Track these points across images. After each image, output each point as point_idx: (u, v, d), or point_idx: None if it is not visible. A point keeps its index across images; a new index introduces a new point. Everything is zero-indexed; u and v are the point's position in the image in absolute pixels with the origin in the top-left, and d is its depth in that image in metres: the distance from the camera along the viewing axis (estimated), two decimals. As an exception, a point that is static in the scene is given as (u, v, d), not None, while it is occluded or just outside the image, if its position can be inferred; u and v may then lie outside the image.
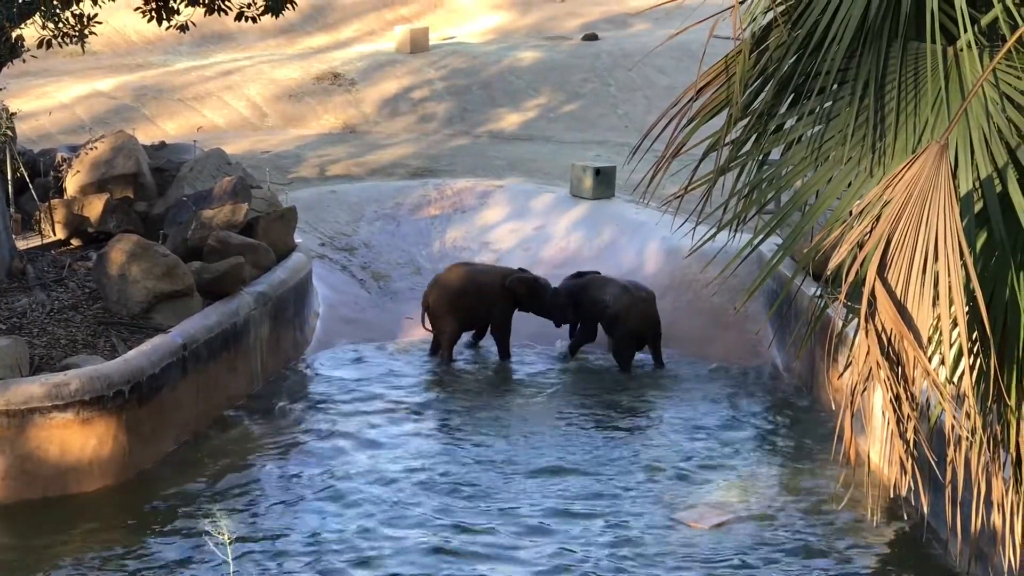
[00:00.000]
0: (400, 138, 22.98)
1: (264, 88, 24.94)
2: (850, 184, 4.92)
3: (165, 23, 16.23)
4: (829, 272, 4.70)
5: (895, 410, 4.59)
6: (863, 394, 4.65)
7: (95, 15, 15.14)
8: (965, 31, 4.80)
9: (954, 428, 4.73)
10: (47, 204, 15.95)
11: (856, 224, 4.62)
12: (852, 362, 4.65)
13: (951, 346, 4.83)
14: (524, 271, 16.38)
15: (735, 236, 5.30)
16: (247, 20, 16.73)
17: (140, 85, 24.92)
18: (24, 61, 15.62)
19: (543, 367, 16.00)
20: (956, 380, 4.92)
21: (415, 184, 19.63)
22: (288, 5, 16.70)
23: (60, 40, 15.00)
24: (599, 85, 25.06)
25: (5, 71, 15.58)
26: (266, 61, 26.71)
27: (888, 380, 4.53)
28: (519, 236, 18.37)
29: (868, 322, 4.49)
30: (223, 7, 16.33)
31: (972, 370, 4.68)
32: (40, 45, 15.10)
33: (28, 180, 16.28)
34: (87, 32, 15.07)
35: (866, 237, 4.53)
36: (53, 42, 15.02)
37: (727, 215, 5.19)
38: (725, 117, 5.21)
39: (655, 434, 13.81)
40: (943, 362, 4.96)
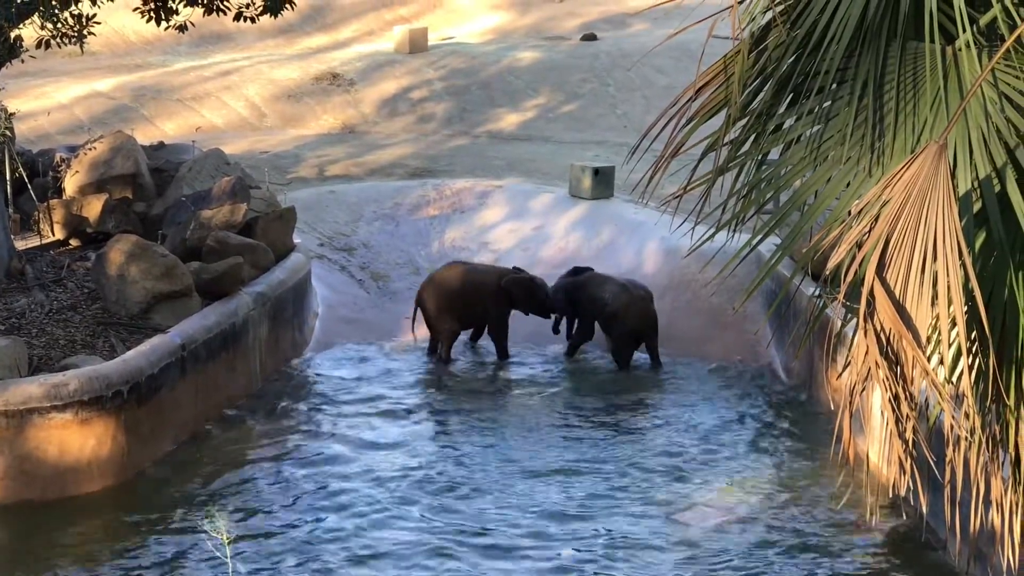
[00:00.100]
0: (399, 138, 22.98)
1: (263, 88, 24.93)
2: (849, 184, 4.92)
3: (164, 23, 16.24)
4: (828, 272, 4.70)
5: (894, 410, 4.59)
6: (862, 394, 4.65)
7: (94, 15, 15.15)
8: (964, 31, 4.80)
9: (953, 428, 4.73)
10: (46, 204, 15.94)
11: (855, 224, 4.62)
12: (851, 362, 4.65)
13: (950, 346, 4.83)
14: (520, 270, 16.35)
15: (734, 236, 5.30)
16: (246, 20, 16.74)
17: (139, 85, 24.91)
18: (23, 61, 15.62)
19: (541, 367, 15.99)
20: (955, 380, 4.92)
21: (414, 184, 19.62)
22: (287, 5, 16.70)
23: (59, 40, 15.00)
24: (598, 85, 25.06)
25: (4, 71, 15.57)
26: (265, 61, 26.70)
27: (887, 380, 4.53)
28: (518, 236, 18.36)
29: (867, 322, 4.49)
30: (222, 7, 16.34)
31: (971, 370, 4.68)
32: (39, 45, 15.10)
33: (27, 180, 16.27)
34: (86, 32, 15.07)
35: (865, 237, 4.54)
36: (52, 42, 15.02)
37: (726, 215, 5.19)
38: (724, 117, 5.22)
39: (653, 434, 13.81)
40: (942, 362, 4.97)
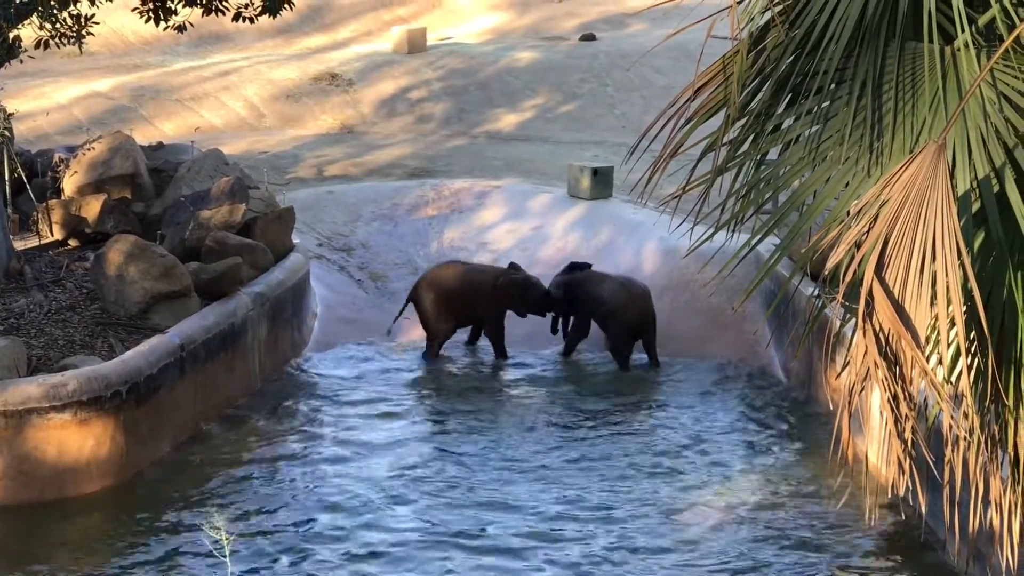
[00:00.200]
0: (397, 138, 22.97)
1: (262, 88, 24.93)
2: (848, 184, 4.92)
3: (163, 23, 16.25)
4: (827, 272, 4.70)
5: (893, 410, 4.59)
6: (861, 394, 4.65)
7: (92, 15, 15.14)
8: (963, 31, 4.80)
9: (952, 428, 4.73)
10: (45, 205, 15.94)
11: (854, 224, 4.62)
12: (850, 362, 4.65)
13: (949, 346, 4.83)
14: (515, 265, 16.34)
15: (733, 236, 5.30)
16: (244, 20, 16.74)
17: (137, 86, 24.90)
18: (21, 62, 15.62)
19: (539, 367, 15.99)
20: (954, 380, 4.92)
21: (412, 184, 19.61)
22: (285, 5, 16.70)
23: (57, 41, 14.99)
24: (596, 85, 25.05)
25: (2, 72, 15.58)
26: (264, 61, 26.69)
27: (886, 380, 4.53)
28: (517, 236, 18.35)
29: (866, 322, 4.49)
30: (220, 7, 16.33)
31: (970, 370, 4.68)
32: (37, 46, 15.10)
33: (26, 181, 16.26)
34: (84, 33, 15.06)
35: (864, 237, 4.54)
36: (50, 43, 15.01)
37: (725, 215, 5.20)
38: (723, 117, 5.22)
39: (652, 434, 13.80)
40: (941, 362, 4.97)
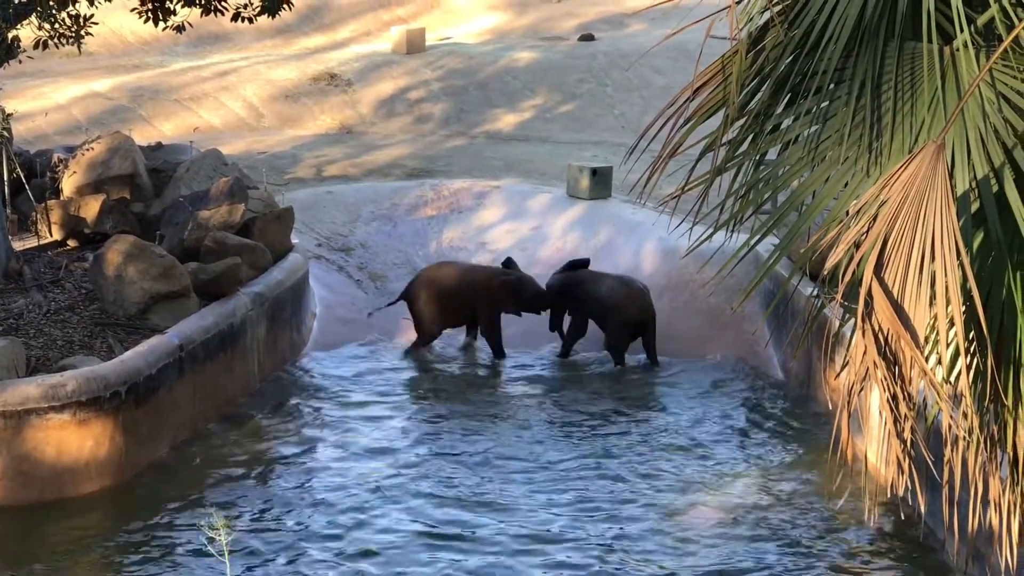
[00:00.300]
0: (397, 139, 22.97)
1: (260, 89, 24.92)
2: (847, 184, 4.93)
3: (161, 24, 16.23)
4: (826, 272, 4.70)
5: (892, 410, 4.60)
6: (860, 394, 4.66)
7: (91, 16, 15.13)
8: (961, 31, 4.80)
9: (951, 428, 4.73)
10: (43, 205, 15.93)
11: (853, 224, 4.62)
12: (849, 362, 4.65)
13: (948, 346, 4.83)
14: (511, 261, 16.34)
15: (732, 236, 5.30)
16: (243, 21, 16.72)
17: (136, 86, 24.90)
18: (20, 62, 15.60)
19: (537, 367, 15.99)
20: (953, 380, 4.92)
21: (412, 185, 19.61)
22: (284, 5, 16.69)
23: (56, 41, 14.98)
24: (595, 85, 25.05)
25: (1, 72, 15.57)
26: (262, 62, 26.69)
27: (885, 380, 4.53)
28: (516, 236, 18.35)
29: (865, 322, 4.50)
30: (219, 7, 16.32)
31: (969, 370, 4.68)
32: (36, 46, 15.08)
33: (24, 181, 16.25)
34: (83, 33, 15.05)
35: (863, 237, 4.54)
36: (49, 43, 15.00)
37: (724, 215, 5.20)
38: (722, 117, 5.22)
39: (651, 434, 13.80)
40: (940, 362, 4.97)
